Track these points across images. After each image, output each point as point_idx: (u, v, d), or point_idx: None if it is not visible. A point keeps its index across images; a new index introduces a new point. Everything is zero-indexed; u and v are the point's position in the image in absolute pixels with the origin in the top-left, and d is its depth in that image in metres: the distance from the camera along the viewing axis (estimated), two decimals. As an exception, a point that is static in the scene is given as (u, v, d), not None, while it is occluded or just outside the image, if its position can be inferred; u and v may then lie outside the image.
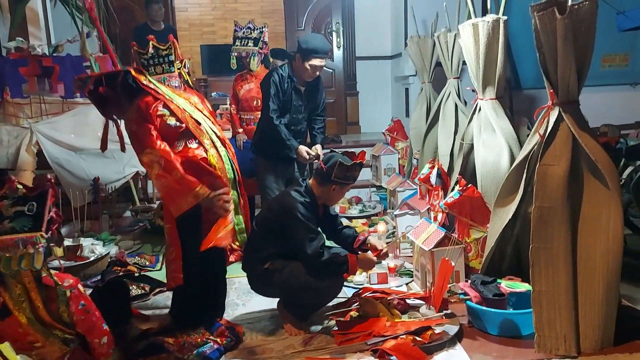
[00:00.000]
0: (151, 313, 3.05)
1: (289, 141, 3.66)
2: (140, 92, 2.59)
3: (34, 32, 5.19)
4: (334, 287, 2.81)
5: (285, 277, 2.68)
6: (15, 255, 2.03)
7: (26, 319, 2.07)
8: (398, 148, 5.39)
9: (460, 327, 2.59)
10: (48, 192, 2.17)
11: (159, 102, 2.57)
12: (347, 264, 2.66)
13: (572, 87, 2.28)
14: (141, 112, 2.53)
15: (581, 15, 2.16)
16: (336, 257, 2.67)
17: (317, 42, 3.66)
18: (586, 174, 2.31)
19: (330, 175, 2.73)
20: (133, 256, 3.86)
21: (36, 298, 2.11)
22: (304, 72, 3.66)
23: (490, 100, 3.29)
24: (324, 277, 2.66)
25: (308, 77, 3.70)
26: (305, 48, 3.59)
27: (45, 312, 2.12)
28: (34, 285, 2.12)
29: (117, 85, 2.60)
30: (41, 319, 2.11)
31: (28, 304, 2.10)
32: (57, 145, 4.20)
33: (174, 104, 2.61)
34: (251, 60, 4.54)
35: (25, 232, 2.05)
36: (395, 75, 6.93)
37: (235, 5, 9.57)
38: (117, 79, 2.60)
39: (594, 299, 2.29)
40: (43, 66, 4.05)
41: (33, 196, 2.15)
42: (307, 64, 3.60)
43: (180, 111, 2.61)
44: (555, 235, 2.29)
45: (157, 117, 2.54)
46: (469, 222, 3.12)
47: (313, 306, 2.81)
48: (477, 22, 3.18)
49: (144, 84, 2.61)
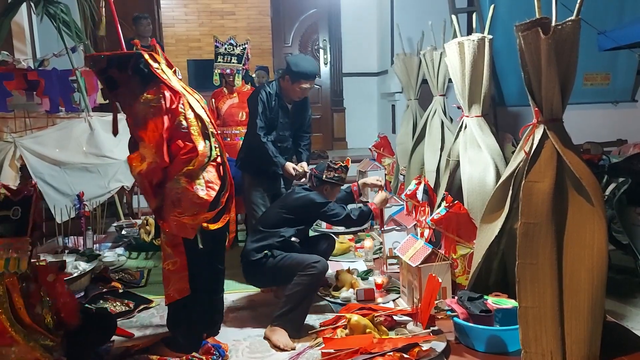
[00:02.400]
0: (135, 330, 3.01)
1: (276, 158, 3.67)
2: (152, 80, 2.48)
3: (19, 46, 5.17)
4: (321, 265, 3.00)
5: (278, 262, 3.02)
6: (1, 259, 2.07)
7: (7, 319, 2.10)
8: (384, 164, 5.42)
9: (448, 343, 2.58)
10: (32, 196, 2.20)
11: (178, 96, 2.48)
12: (371, 211, 3.35)
13: (556, 105, 2.31)
14: (158, 104, 2.42)
15: (564, 35, 2.19)
16: (362, 211, 3.32)
17: (308, 65, 3.66)
18: (571, 191, 2.33)
19: (322, 176, 3.28)
20: (117, 272, 3.81)
21: (17, 300, 2.13)
22: (292, 93, 3.68)
23: (476, 118, 3.33)
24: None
25: (296, 98, 3.73)
26: (295, 71, 3.59)
27: (25, 314, 2.14)
28: (17, 288, 2.13)
29: (129, 68, 2.49)
30: (21, 320, 2.14)
31: (9, 305, 2.12)
32: (41, 159, 4.15)
33: (187, 101, 2.52)
34: (235, 77, 4.55)
35: (10, 237, 2.10)
36: (381, 92, 6.99)
37: (222, 22, 9.62)
38: (130, 62, 2.49)
39: (580, 315, 2.30)
40: (28, 80, 4.01)
41: (17, 200, 2.18)
42: (296, 87, 3.62)
43: (192, 110, 2.53)
44: (540, 251, 2.30)
45: (176, 114, 2.44)
46: (456, 239, 3.13)
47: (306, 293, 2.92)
48: (462, 40, 3.23)
49: (156, 71, 2.48)
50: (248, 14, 9.67)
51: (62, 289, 2.35)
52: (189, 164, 2.45)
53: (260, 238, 3.14)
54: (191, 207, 2.46)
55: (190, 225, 2.46)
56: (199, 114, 2.55)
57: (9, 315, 2.12)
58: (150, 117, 2.42)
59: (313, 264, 2.93)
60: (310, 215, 3.31)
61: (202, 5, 9.59)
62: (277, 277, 3.09)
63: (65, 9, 4.46)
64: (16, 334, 2.12)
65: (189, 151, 2.46)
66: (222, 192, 2.59)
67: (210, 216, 2.52)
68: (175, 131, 2.46)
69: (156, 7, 7.14)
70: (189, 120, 2.48)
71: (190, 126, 2.48)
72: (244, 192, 3.88)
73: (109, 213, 5.09)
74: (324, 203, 3.23)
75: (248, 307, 3.36)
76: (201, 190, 2.46)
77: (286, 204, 3.27)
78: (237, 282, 3.66)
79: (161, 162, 2.42)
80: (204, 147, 2.48)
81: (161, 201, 2.51)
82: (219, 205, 2.57)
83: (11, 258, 2.08)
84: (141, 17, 5.88)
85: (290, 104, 3.78)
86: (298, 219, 3.23)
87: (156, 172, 2.44)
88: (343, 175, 3.35)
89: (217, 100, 4.69)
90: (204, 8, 9.60)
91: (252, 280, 3.27)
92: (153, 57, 2.52)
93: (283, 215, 3.21)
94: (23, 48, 5.19)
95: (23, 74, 4.04)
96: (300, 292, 2.88)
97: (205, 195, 2.47)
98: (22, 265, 2.11)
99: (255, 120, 3.65)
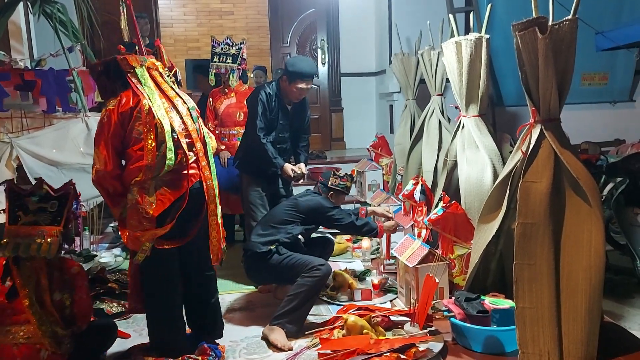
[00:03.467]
0: (131, 331, 3.00)
1: (275, 159, 3.69)
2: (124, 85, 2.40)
3: (16, 46, 5.14)
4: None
5: (283, 259, 3.04)
6: (35, 243, 2.31)
7: (28, 299, 2.30)
8: (382, 164, 5.41)
9: (445, 344, 2.58)
10: (70, 194, 2.46)
11: (136, 100, 2.36)
12: (377, 230, 3.35)
13: (553, 105, 2.31)
14: (112, 107, 2.35)
15: (562, 34, 2.19)
16: (368, 224, 3.35)
17: (304, 65, 3.67)
18: (568, 191, 2.32)
19: (328, 183, 3.41)
20: (114, 273, 3.80)
21: (44, 282, 2.35)
22: (291, 94, 3.69)
23: (473, 117, 3.32)
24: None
25: (294, 99, 3.74)
26: (292, 71, 3.61)
27: (48, 296, 2.34)
28: (45, 271, 2.36)
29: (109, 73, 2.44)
30: (43, 301, 2.32)
31: (34, 285, 2.32)
32: (38, 160, 4.12)
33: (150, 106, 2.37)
34: (230, 77, 4.54)
35: (45, 225, 2.37)
36: (379, 92, 6.99)
37: (220, 22, 9.61)
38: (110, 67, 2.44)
39: (577, 315, 2.30)
40: (25, 80, 3.99)
41: (56, 196, 2.44)
42: (293, 87, 3.64)
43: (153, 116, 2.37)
44: (538, 251, 2.30)
45: (130, 118, 2.34)
46: (453, 239, 3.12)
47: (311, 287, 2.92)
48: (460, 40, 3.22)
49: (127, 75, 2.40)
50: (246, 13, 9.67)
51: (82, 284, 2.49)
52: (139, 173, 2.33)
53: (267, 233, 3.17)
54: (140, 221, 2.33)
55: (142, 240, 2.34)
56: (162, 121, 2.36)
57: (31, 295, 2.30)
58: (101, 121, 2.38)
59: (318, 266, 2.94)
60: (317, 218, 3.32)
61: (200, 5, 9.58)
62: (279, 274, 3.09)
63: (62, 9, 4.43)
64: (32, 315, 2.28)
65: (137, 159, 2.35)
66: (176, 207, 2.39)
67: (160, 233, 2.35)
68: (130, 138, 2.37)
69: (154, 6, 7.09)
70: (146, 127, 2.34)
71: (146, 133, 2.33)
72: (242, 192, 3.88)
73: (106, 214, 5.06)
74: (331, 207, 3.30)
75: (246, 308, 3.35)
76: (149, 204, 2.32)
77: (297, 204, 3.31)
78: (234, 282, 3.65)
79: (103, 168, 2.35)
80: (152, 157, 2.32)
81: (124, 211, 2.40)
82: (170, 221, 2.38)
83: (43, 243, 2.32)
84: (139, 17, 5.85)
85: (289, 105, 3.79)
86: (307, 220, 3.27)
87: (105, 178, 2.37)
88: (348, 183, 3.46)
89: (215, 100, 4.69)
90: (203, 8, 9.59)
91: (253, 275, 3.26)
92: (126, 60, 2.41)
93: (292, 214, 3.25)
94: (20, 48, 5.16)
95: (20, 73, 4.02)
96: (303, 294, 2.88)
97: (151, 209, 2.32)
98: (52, 250, 2.32)
99: (255, 121, 3.65)
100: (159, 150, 2.33)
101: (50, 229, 2.35)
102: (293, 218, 3.25)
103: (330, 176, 3.45)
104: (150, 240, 2.35)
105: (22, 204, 2.39)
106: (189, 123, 2.48)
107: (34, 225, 2.36)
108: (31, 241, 2.31)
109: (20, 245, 2.31)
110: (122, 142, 2.39)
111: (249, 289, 3.55)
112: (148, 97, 2.38)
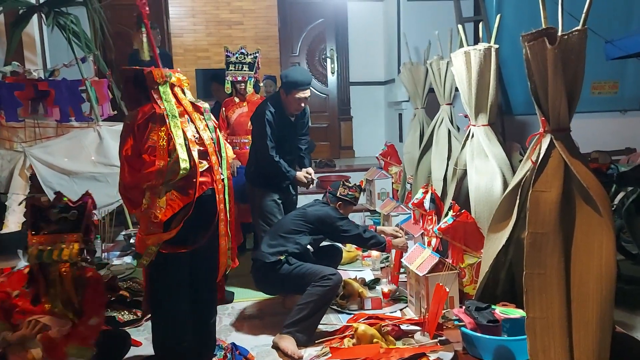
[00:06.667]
0: (143, 339, 3.02)
1: (288, 173, 3.79)
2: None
3: (30, 56, 5.22)
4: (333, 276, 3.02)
5: (293, 269, 3.07)
6: (56, 249, 2.44)
7: (50, 304, 2.45)
8: (392, 172, 5.42)
9: (455, 353, 2.58)
10: (87, 202, 2.61)
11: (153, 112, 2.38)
12: (385, 244, 3.36)
13: (563, 114, 2.31)
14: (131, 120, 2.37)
15: (571, 44, 2.19)
16: (375, 237, 3.34)
17: (298, 75, 3.74)
18: (578, 200, 2.32)
19: (336, 193, 3.44)
20: (125, 280, 3.82)
21: (70, 288, 2.49)
22: (291, 105, 3.75)
23: (482, 127, 3.33)
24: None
25: (295, 110, 3.80)
26: (287, 82, 3.69)
27: (76, 299, 2.50)
28: (70, 274, 2.49)
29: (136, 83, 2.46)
30: (71, 304, 2.48)
31: (59, 290, 2.47)
32: (51, 169, 4.17)
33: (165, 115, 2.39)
34: (247, 85, 4.64)
35: (67, 232, 2.51)
36: (388, 101, 7.01)
37: (229, 32, 9.69)
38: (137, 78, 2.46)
39: (588, 326, 2.28)
40: (39, 90, 4.06)
41: (75, 206, 2.57)
42: (291, 98, 3.69)
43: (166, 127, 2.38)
44: (548, 261, 2.29)
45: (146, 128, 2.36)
46: (463, 248, 3.12)
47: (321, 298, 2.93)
48: (469, 50, 3.23)
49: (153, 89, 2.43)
50: (256, 23, 9.73)
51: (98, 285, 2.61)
52: (151, 178, 2.33)
53: (276, 243, 3.18)
54: (149, 225, 2.34)
55: (148, 243, 2.34)
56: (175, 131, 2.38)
57: (54, 300, 2.45)
58: (122, 135, 2.41)
59: (329, 275, 2.96)
60: (325, 229, 3.33)
61: (210, 16, 9.66)
62: (289, 284, 3.11)
63: (75, 20, 4.51)
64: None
65: (150, 165, 2.34)
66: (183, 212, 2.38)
67: (165, 237, 2.34)
68: (145, 146, 2.37)
69: (165, 17, 7.19)
70: (159, 135, 2.36)
71: (159, 140, 2.35)
72: (255, 202, 3.89)
73: (118, 222, 5.12)
74: (339, 218, 3.33)
75: (257, 316, 3.37)
76: (159, 208, 2.33)
77: (305, 213, 3.34)
78: (246, 289, 3.66)
79: (122, 178, 2.38)
80: (164, 162, 2.32)
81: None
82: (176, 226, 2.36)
83: (64, 248, 2.46)
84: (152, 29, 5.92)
85: (292, 117, 3.85)
86: (315, 230, 3.29)
87: (127, 190, 2.41)
88: (357, 194, 3.50)
89: (227, 109, 4.74)
90: (212, 18, 9.67)
91: (262, 286, 3.28)
92: (152, 75, 2.43)
93: (301, 223, 3.27)
94: (34, 58, 5.24)
95: (33, 84, 4.08)
96: (314, 303, 2.89)
97: (161, 213, 2.32)
98: (73, 254, 2.46)
99: (266, 141, 3.72)
100: (170, 156, 2.35)
101: (72, 236, 2.49)
102: (301, 228, 3.27)
103: (339, 186, 3.48)
104: (155, 243, 2.36)
105: (44, 216, 2.50)
106: (204, 133, 2.50)
107: (57, 234, 2.48)
108: (54, 248, 2.45)
109: (44, 252, 2.43)
110: (139, 152, 2.42)
111: (259, 296, 3.56)
112: (167, 112, 2.42)
